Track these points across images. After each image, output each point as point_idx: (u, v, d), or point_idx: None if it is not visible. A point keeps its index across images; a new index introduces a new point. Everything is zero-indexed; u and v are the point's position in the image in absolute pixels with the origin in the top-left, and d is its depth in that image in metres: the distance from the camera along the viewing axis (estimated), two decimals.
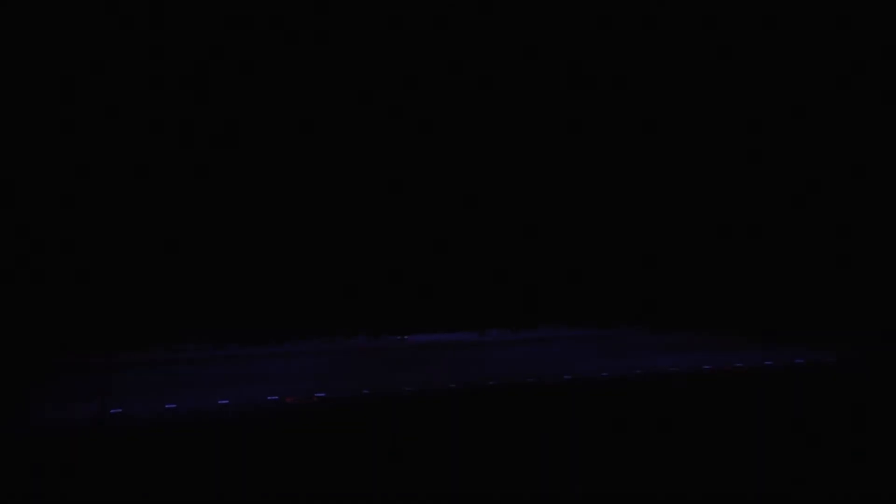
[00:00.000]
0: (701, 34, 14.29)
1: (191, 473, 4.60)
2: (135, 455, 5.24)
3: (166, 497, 4.17)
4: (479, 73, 17.52)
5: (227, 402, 7.36)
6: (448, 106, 17.99)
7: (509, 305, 16.96)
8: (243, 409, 6.97)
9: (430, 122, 18.16)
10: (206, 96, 16.29)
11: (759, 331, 12.56)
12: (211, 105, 16.48)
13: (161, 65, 15.73)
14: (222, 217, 17.13)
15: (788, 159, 13.89)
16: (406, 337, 14.00)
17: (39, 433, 6.04)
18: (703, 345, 11.57)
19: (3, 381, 9.39)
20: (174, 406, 7.18)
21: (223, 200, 16.98)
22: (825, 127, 12.95)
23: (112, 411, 6.86)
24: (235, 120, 16.78)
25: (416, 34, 16.89)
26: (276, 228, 17.72)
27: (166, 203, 17.11)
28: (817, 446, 4.81)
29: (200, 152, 16.93)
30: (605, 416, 6.16)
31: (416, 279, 18.53)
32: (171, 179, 17.23)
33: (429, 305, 18.32)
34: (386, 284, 18.04)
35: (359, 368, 10.36)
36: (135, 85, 15.92)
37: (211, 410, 6.96)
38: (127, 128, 16.36)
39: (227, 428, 6.20)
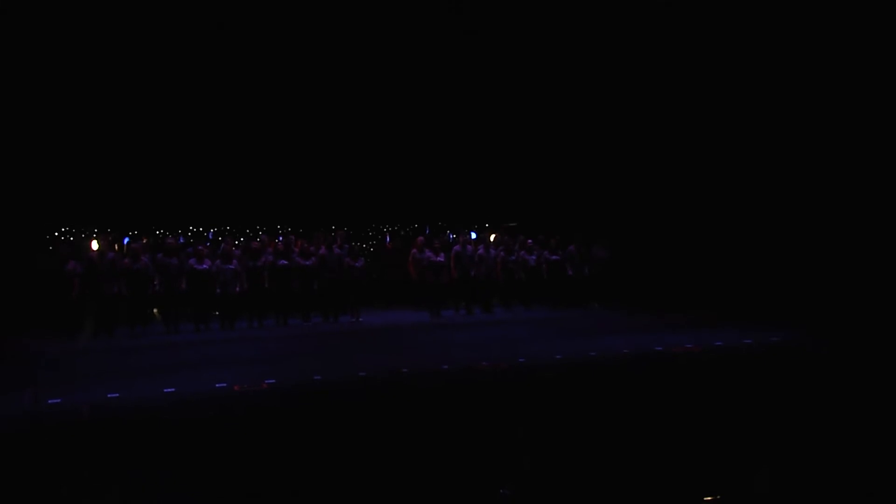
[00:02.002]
0: (699, 33, 14.10)
1: (135, 469, 4.38)
2: (75, 450, 4.96)
3: (109, 495, 3.94)
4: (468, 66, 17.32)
5: (172, 389, 7.10)
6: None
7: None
8: (190, 398, 6.72)
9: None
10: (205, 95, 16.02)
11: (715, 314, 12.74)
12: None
13: (160, 64, 15.27)
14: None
15: (781, 157, 14.00)
16: (360, 318, 13.82)
17: None
18: (664, 326, 11.65)
19: None
20: (117, 395, 6.90)
21: None
22: (824, 126, 13.01)
23: (49, 402, 6.56)
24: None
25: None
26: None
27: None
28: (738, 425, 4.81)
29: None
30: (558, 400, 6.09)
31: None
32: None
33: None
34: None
35: (314, 351, 10.16)
36: (133, 84, 15.43)
37: (156, 399, 6.69)
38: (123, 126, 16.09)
39: (174, 418, 5.96)
